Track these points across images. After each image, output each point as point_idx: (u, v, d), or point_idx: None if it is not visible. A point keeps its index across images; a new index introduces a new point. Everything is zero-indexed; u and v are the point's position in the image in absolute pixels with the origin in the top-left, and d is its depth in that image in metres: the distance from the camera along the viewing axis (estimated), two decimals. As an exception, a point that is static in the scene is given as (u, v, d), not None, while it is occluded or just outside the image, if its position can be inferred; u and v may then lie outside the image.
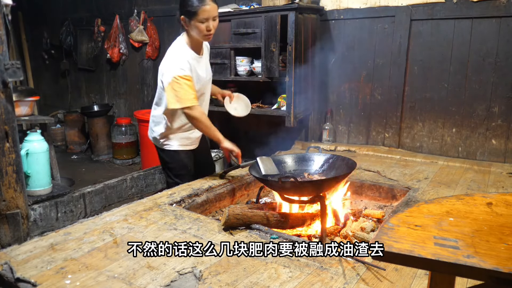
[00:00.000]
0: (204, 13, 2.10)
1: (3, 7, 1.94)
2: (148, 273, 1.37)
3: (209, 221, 1.81)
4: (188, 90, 2.14)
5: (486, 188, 2.34)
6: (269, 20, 3.11)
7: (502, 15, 2.78)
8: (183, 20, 2.17)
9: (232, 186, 2.40)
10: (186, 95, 2.14)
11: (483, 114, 2.98)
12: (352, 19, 3.36)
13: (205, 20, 2.12)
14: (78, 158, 5.47)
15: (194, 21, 2.13)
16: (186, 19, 2.15)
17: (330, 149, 3.28)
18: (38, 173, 2.93)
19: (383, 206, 2.37)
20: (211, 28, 2.15)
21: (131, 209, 1.93)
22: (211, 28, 2.16)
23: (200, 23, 2.12)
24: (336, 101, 3.58)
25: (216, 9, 2.17)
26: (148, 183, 3.93)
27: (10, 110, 2.06)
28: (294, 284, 1.32)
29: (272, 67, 3.18)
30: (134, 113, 4.61)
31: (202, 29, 2.14)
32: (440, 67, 3.08)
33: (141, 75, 5.25)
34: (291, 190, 1.89)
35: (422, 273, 1.39)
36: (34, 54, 6.37)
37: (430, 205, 1.09)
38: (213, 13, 2.14)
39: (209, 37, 2.20)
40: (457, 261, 0.81)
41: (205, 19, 2.12)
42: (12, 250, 1.52)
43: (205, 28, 2.14)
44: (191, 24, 2.15)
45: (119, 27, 5.13)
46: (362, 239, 1.84)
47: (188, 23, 2.16)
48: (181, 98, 2.14)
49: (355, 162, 2.02)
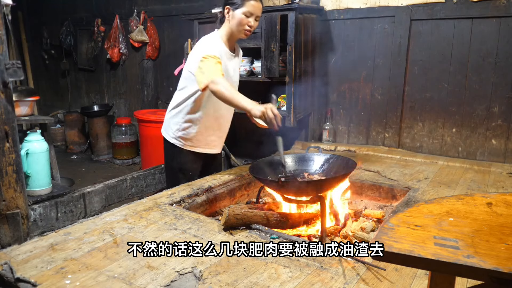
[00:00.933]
0: (250, 7, 2.12)
1: (3, 7, 1.94)
2: (148, 273, 1.37)
3: (209, 221, 1.81)
4: (213, 65, 2.03)
5: (486, 188, 2.34)
6: (269, 20, 3.11)
7: (502, 15, 2.78)
8: (227, 9, 2.16)
9: (232, 186, 2.40)
10: (211, 69, 2.03)
11: (483, 114, 2.98)
12: (352, 19, 3.36)
13: (250, 15, 2.13)
14: (78, 158, 5.47)
15: (238, 12, 2.12)
16: (231, 8, 2.14)
17: (330, 149, 3.28)
18: (38, 173, 2.93)
19: (383, 206, 2.37)
20: (252, 25, 2.15)
21: (131, 209, 1.93)
22: (252, 25, 2.16)
23: (243, 16, 2.12)
24: (336, 101, 3.58)
25: (261, 11, 2.18)
26: (148, 183, 3.92)
27: (10, 110, 2.06)
28: (294, 284, 1.32)
29: (272, 67, 3.18)
30: (134, 113, 4.61)
31: (244, 22, 2.13)
32: (440, 67, 3.08)
33: (141, 75, 5.25)
34: (291, 190, 1.89)
35: (422, 273, 1.39)
36: (34, 54, 6.37)
37: (430, 205, 1.09)
38: (258, 12, 2.16)
39: (246, 33, 2.18)
40: (457, 261, 0.81)
41: (250, 14, 2.13)
42: (12, 250, 1.52)
43: (247, 23, 2.14)
44: (234, 15, 2.14)
45: (119, 27, 5.13)
46: (362, 239, 1.84)
47: (232, 13, 2.15)
48: (205, 72, 2.03)
49: (355, 162, 2.02)
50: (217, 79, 1.99)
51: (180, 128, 2.33)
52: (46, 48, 6.22)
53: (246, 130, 3.88)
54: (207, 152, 2.42)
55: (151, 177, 3.95)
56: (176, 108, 2.35)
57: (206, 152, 2.42)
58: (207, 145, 2.40)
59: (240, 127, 3.85)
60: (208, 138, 2.38)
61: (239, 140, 3.99)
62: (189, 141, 2.35)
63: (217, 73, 2.02)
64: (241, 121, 2.99)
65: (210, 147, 2.43)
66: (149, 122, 4.29)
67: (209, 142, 2.40)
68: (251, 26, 2.16)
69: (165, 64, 4.92)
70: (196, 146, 2.37)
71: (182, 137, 2.34)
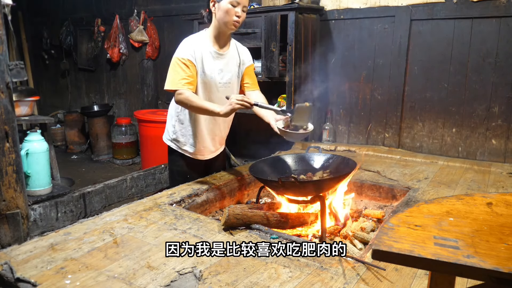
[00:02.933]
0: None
1: (3, 7, 1.94)
2: (148, 273, 1.37)
3: (209, 221, 1.81)
4: (178, 73, 2.03)
5: (486, 188, 2.34)
6: (269, 20, 3.11)
7: (502, 15, 2.78)
8: (213, 2, 2.08)
9: (232, 186, 2.40)
10: (175, 77, 2.04)
11: (483, 114, 2.98)
12: (352, 19, 3.36)
13: (236, 4, 2.03)
14: (78, 158, 5.47)
15: (224, 2, 2.03)
16: (216, 0, 2.06)
17: (330, 149, 3.28)
18: (38, 173, 2.93)
19: (383, 206, 2.37)
20: (240, 15, 2.05)
21: (131, 209, 1.93)
22: (240, 15, 2.06)
23: (229, 5, 2.02)
24: (336, 101, 3.58)
25: (248, 1, 2.09)
26: (148, 183, 3.92)
27: (10, 110, 2.06)
28: (294, 284, 1.32)
29: (272, 67, 3.18)
30: (134, 113, 4.61)
31: (231, 12, 2.02)
32: (440, 67, 3.08)
33: (141, 75, 5.25)
34: (291, 190, 1.89)
35: (422, 273, 1.39)
36: (34, 54, 6.37)
37: (430, 205, 1.09)
38: (244, 2, 2.06)
39: (235, 24, 2.07)
40: (457, 261, 0.81)
41: (237, 3, 2.03)
42: (12, 250, 1.52)
43: (234, 13, 2.04)
44: (220, 6, 2.04)
45: (119, 27, 5.13)
46: (362, 239, 1.84)
47: (218, 5, 2.06)
48: (169, 79, 2.05)
49: (355, 162, 2.02)
50: (180, 90, 2.02)
51: (176, 131, 2.30)
52: (46, 48, 6.22)
53: (246, 130, 3.88)
54: (202, 159, 2.37)
55: (151, 177, 3.95)
56: (171, 111, 2.33)
57: (202, 159, 2.37)
58: (201, 151, 2.33)
59: (240, 127, 3.85)
60: (203, 143, 2.31)
61: (239, 140, 3.99)
62: (184, 145, 2.30)
63: (181, 84, 2.03)
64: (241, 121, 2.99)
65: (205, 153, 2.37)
66: (149, 122, 4.29)
67: (202, 149, 2.33)
68: (239, 16, 2.06)
69: (165, 64, 4.89)
70: (191, 151, 2.31)
71: (178, 140, 2.31)
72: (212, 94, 2.18)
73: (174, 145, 2.33)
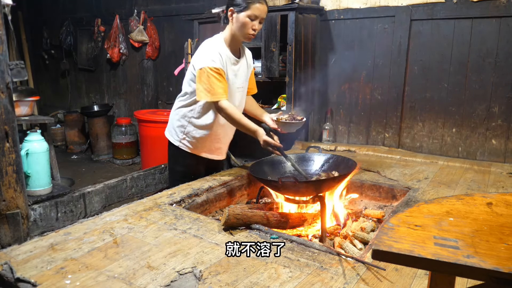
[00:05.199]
0: (256, 10, 2.05)
1: (3, 7, 1.94)
2: (148, 273, 1.37)
3: (209, 221, 1.81)
4: (215, 83, 2.05)
5: (486, 188, 2.34)
6: (269, 20, 3.11)
7: (502, 15, 2.78)
8: (231, 11, 2.09)
9: (232, 186, 2.39)
10: (213, 88, 2.05)
11: (483, 114, 2.98)
12: (352, 19, 3.36)
13: (254, 18, 2.06)
14: (78, 158, 5.47)
15: (242, 15, 2.06)
16: (235, 10, 2.07)
17: (330, 149, 3.28)
18: (38, 173, 2.93)
19: (383, 206, 2.37)
20: (256, 28, 2.09)
21: (131, 209, 1.93)
22: (256, 28, 2.09)
23: (247, 19, 2.05)
24: (336, 101, 3.58)
25: (266, 13, 2.12)
26: (148, 183, 3.92)
27: (10, 110, 2.06)
28: (294, 284, 1.32)
29: (272, 67, 3.18)
30: (134, 113, 4.61)
31: (248, 25, 2.07)
32: (440, 67, 3.08)
33: (141, 75, 5.25)
34: (291, 190, 1.89)
35: (422, 273, 1.39)
36: (34, 54, 6.38)
37: (430, 205, 1.09)
38: (263, 15, 2.09)
39: (250, 37, 2.12)
40: (457, 261, 0.81)
41: (255, 17, 2.06)
42: (12, 250, 1.51)
43: (251, 26, 2.07)
44: (238, 18, 2.07)
45: (119, 27, 5.13)
46: (362, 239, 1.84)
47: (236, 16, 2.08)
48: (207, 90, 2.06)
49: (355, 162, 2.02)
50: (222, 102, 2.08)
51: (185, 132, 2.30)
52: (46, 48, 6.22)
53: (246, 130, 3.87)
54: (211, 158, 2.40)
55: (151, 177, 3.95)
56: (181, 111, 2.31)
57: (210, 158, 2.40)
58: (212, 151, 2.38)
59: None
60: (213, 145, 2.36)
61: (239, 140, 3.99)
62: (194, 146, 2.32)
63: (222, 95, 2.07)
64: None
65: (215, 154, 2.41)
66: (149, 122, 4.29)
67: (214, 149, 2.38)
68: (255, 30, 2.10)
69: (165, 64, 4.92)
70: (201, 151, 2.34)
71: (187, 141, 2.31)
72: (230, 97, 2.23)
73: (183, 146, 2.33)
